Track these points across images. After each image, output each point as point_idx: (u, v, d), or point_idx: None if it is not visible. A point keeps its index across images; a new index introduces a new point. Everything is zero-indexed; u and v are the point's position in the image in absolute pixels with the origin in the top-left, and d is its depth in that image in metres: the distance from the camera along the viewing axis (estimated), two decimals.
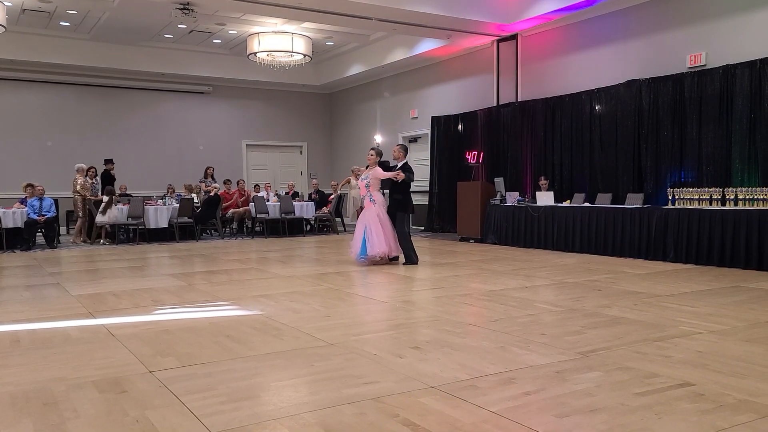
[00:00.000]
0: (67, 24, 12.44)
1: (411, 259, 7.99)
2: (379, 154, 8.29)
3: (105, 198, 11.69)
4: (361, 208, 8.67)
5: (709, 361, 3.48)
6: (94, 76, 14.18)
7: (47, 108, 14.00)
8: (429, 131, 13.39)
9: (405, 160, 8.07)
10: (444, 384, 3.11)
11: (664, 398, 2.87)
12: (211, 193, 12.51)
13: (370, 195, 8.02)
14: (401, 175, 7.78)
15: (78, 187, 11.65)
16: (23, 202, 11.08)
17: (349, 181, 13.77)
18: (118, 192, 12.93)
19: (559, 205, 9.71)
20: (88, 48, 13.39)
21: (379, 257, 7.87)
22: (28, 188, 11.00)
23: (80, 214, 11.71)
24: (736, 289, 5.86)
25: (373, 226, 7.85)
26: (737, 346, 3.81)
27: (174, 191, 13.21)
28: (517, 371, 3.32)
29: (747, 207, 7.38)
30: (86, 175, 12.20)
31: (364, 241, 7.89)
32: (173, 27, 12.60)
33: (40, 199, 10.88)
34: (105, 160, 13.27)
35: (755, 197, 7.38)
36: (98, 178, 12.49)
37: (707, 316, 4.68)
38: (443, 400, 2.89)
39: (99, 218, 11.52)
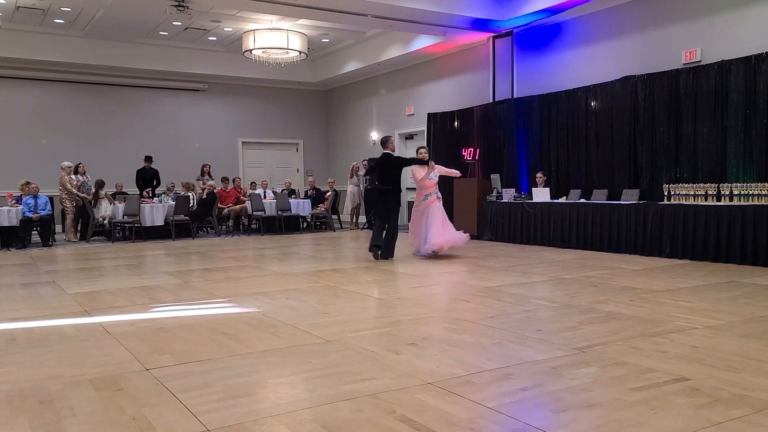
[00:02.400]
0: (62, 21, 12.39)
1: (391, 253, 8.18)
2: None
3: (101, 192, 11.69)
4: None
5: (704, 355, 3.49)
6: (89, 73, 14.13)
7: (41, 106, 13.95)
8: (425, 128, 13.38)
9: (386, 151, 8.24)
10: (441, 380, 3.11)
11: (659, 393, 2.89)
12: (204, 195, 12.50)
13: (437, 192, 8.31)
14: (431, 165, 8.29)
15: (68, 186, 11.62)
16: (18, 200, 11.05)
17: (352, 176, 13.90)
18: (114, 190, 12.92)
19: (555, 201, 9.73)
20: (82, 45, 13.33)
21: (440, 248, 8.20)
22: (26, 186, 10.97)
23: (68, 211, 11.68)
24: (732, 285, 5.89)
25: (442, 219, 8.26)
26: (733, 341, 3.82)
27: (174, 188, 13.18)
28: (514, 367, 3.33)
29: (742, 202, 7.40)
30: (76, 172, 12.19)
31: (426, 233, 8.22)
32: (168, 24, 12.56)
33: (35, 197, 10.85)
34: (144, 157, 13.56)
35: (750, 193, 7.40)
36: (88, 175, 12.45)
37: (703, 311, 4.70)
38: (440, 396, 2.89)
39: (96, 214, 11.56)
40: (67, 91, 14.20)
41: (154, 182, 13.57)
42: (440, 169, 8.50)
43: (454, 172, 8.87)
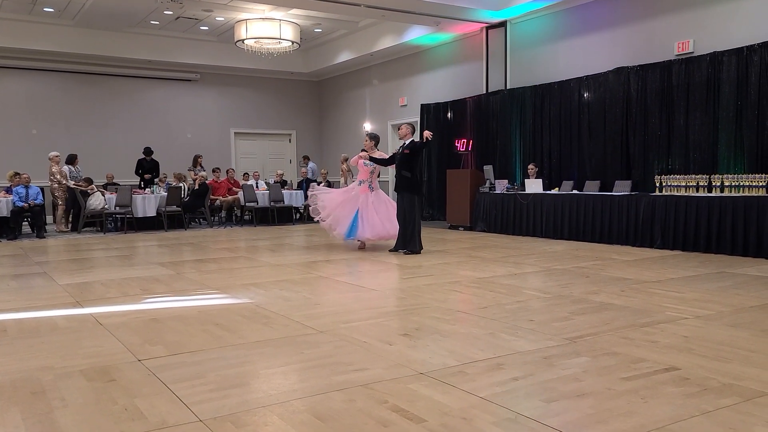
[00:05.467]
0: (51, 10, 12.26)
1: (416, 248, 7.71)
2: (374, 138, 8.30)
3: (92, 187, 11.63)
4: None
5: (694, 345, 3.52)
6: (80, 63, 14.01)
7: (32, 96, 13.82)
8: (418, 119, 13.36)
9: (412, 138, 7.90)
10: (433, 370, 3.12)
11: (650, 382, 2.91)
12: (197, 185, 12.44)
13: (370, 181, 8.18)
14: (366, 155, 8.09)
15: (58, 176, 11.53)
16: (8, 190, 10.97)
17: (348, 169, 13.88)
18: (104, 181, 12.85)
19: (548, 192, 9.75)
20: (72, 34, 13.20)
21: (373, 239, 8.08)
22: (15, 177, 10.88)
23: (59, 201, 11.60)
24: (722, 275, 5.93)
25: (371, 210, 7.98)
26: (722, 330, 3.86)
27: (166, 179, 13.12)
28: (506, 357, 3.35)
29: (733, 194, 7.44)
30: (72, 163, 12.11)
31: (355, 221, 7.98)
32: (159, 13, 12.45)
33: (26, 187, 10.78)
34: (144, 149, 13.62)
35: (741, 184, 7.44)
36: (79, 166, 12.36)
37: (693, 301, 4.73)
38: (432, 386, 2.91)
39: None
40: (58, 81, 14.08)
41: (153, 173, 13.49)
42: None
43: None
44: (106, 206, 11.55)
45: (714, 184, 7.77)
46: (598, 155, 9.68)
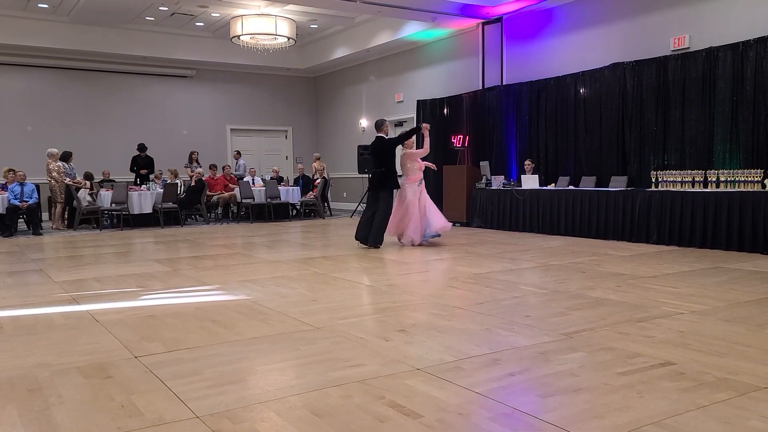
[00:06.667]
0: (46, 6, 12.21)
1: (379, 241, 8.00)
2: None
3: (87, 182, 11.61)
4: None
5: (690, 340, 3.54)
6: (75, 59, 13.95)
7: (26, 92, 13.77)
8: (414, 115, 13.35)
9: (379, 135, 8.10)
10: (430, 366, 3.13)
11: (645, 377, 2.92)
12: (193, 182, 12.42)
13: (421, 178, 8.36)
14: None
15: (54, 173, 11.49)
16: (3, 188, 10.93)
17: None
18: (100, 178, 12.82)
19: (544, 188, 9.76)
20: (67, 30, 13.15)
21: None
22: (9, 174, 10.84)
23: (58, 199, 11.56)
24: (717, 270, 5.95)
25: (430, 206, 8.25)
26: (718, 325, 3.87)
27: (162, 176, 13.10)
28: (502, 353, 3.35)
29: (728, 189, 7.46)
30: (66, 160, 12.07)
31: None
32: (154, 9, 12.41)
33: (21, 185, 10.74)
34: (138, 146, 13.53)
35: (736, 179, 7.46)
36: (73, 164, 12.32)
37: (689, 296, 4.75)
38: (429, 381, 2.91)
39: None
40: (53, 77, 14.02)
41: (148, 169, 13.46)
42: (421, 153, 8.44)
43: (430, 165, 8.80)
44: (90, 202, 11.51)
45: (710, 179, 7.78)
46: (593, 151, 9.69)
